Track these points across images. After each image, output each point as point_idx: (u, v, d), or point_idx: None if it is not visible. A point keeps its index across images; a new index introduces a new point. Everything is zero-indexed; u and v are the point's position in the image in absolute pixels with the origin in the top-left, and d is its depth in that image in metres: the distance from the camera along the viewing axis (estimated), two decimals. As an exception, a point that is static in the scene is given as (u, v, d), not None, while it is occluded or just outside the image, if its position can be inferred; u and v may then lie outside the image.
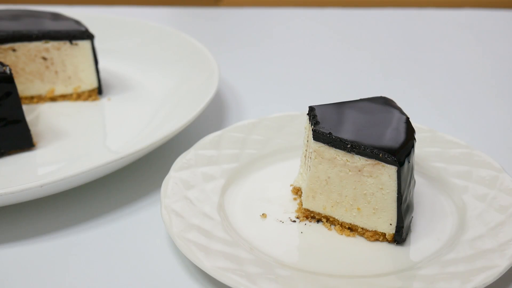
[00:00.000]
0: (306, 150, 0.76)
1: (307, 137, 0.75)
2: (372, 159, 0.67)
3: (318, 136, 0.70)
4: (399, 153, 0.67)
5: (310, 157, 0.72)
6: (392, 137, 0.69)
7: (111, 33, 1.16)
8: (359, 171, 0.69)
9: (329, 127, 0.70)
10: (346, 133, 0.69)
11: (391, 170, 0.67)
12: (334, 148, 0.69)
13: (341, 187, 0.71)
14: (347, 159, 0.69)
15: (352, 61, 1.25)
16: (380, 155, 0.67)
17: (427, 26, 1.44)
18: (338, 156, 0.69)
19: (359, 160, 0.68)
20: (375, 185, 0.69)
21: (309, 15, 1.48)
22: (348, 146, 0.68)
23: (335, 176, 0.71)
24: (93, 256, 0.72)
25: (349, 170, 0.69)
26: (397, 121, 0.71)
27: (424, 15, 1.49)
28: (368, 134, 0.69)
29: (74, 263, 0.71)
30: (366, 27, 1.42)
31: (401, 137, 0.69)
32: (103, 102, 1.03)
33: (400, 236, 0.70)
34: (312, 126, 0.71)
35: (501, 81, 1.17)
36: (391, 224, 0.70)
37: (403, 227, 0.70)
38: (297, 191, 0.78)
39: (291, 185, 0.79)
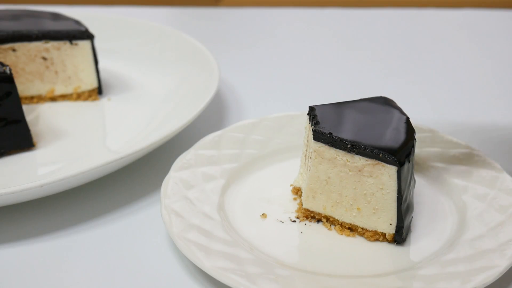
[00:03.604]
0: (306, 150, 0.76)
1: (307, 137, 0.75)
2: (372, 159, 0.67)
3: (318, 136, 0.70)
4: (399, 153, 0.67)
5: (310, 157, 0.72)
6: (392, 137, 0.69)
7: (111, 33, 1.15)
8: (359, 171, 0.69)
9: (329, 127, 0.70)
10: (346, 133, 0.69)
11: (391, 170, 0.67)
12: (334, 148, 0.69)
13: (341, 187, 0.71)
14: (347, 159, 0.69)
15: (352, 61, 1.25)
16: (380, 155, 0.67)
17: (427, 26, 1.43)
18: (338, 156, 0.69)
19: (359, 160, 0.68)
20: (375, 185, 0.69)
21: (309, 15, 1.48)
22: (348, 146, 0.68)
23: (335, 176, 0.71)
24: (93, 256, 0.72)
25: (349, 170, 0.69)
26: (397, 121, 0.71)
27: (423, 15, 1.49)
28: (368, 134, 0.69)
29: (74, 263, 0.71)
30: (366, 27, 1.42)
31: (401, 137, 0.69)
32: (103, 102, 1.02)
33: (400, 236, 0.70)
34: (312, 126, 0.71)
35: (501, 81, 1.17)
36: (391, 224, 0.70)
37: (403, 227, 0.70)
38: (297, 191, 0.78)
39: (291, 185, 0.79)
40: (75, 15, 1.09)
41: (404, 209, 0.69)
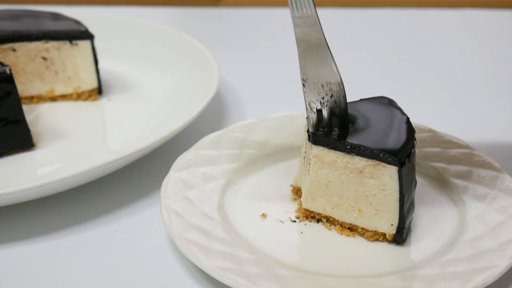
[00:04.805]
0: (305, 152, 0.76)
1: (306, 139, 0.75)
2: (372, 160, 0.67)
3: (317, 139, 0.70)
4: (400, 153, 0.67)
5: (309, 162, 0.72)
6: (392, 138, 0.69)
7: (111, 33, 1.16)
8: (360, 172, 0.69)
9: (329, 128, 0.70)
10: (345, 134, 0.69)
11: (392, 170, 0.67)
12: (334, 151, 0.69)
13: (342, 190, 0.71)
14: (347, 161, 0.69)
15: (352, 61, 1.25)
16: (381, 156, 0.67)
17: (427, 26, 1.44)
18: (338, 158, 0.69)
19: (359, 161, 0.68)
20: (376, 186, 0.69)
21: (309, 15, 1.48)
22: (348, 147, 0.68)
23: (336, 180, 0.70)
24: (93, 256, 0.71)
25: (350, 172, 0.69)
26: (398, 122, 0.71)
27: (424, 15, 1.49)
28: (368, 135, 0.69)
29: (74, 263, 0.71)
30: (366, 27, 1.42)
31: (402, 137, 0.69)
32: (103, 102, 1.03)
33: (400, 237, 0.70)
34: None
35: (501, 81, 1.17)
36: (392, 225, 0.70)
37: (404, 227, 0.70)
38: (297, 191, 0.78)
39: (291, 185, 0.79)
40: (75, 15, 1.10)
41: (406, 209, 0.69)
